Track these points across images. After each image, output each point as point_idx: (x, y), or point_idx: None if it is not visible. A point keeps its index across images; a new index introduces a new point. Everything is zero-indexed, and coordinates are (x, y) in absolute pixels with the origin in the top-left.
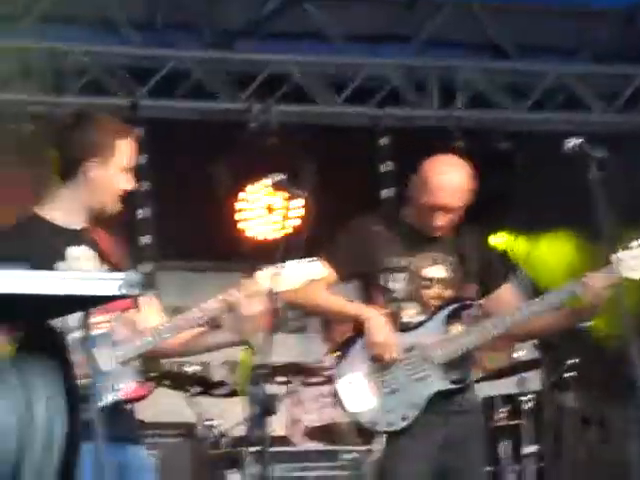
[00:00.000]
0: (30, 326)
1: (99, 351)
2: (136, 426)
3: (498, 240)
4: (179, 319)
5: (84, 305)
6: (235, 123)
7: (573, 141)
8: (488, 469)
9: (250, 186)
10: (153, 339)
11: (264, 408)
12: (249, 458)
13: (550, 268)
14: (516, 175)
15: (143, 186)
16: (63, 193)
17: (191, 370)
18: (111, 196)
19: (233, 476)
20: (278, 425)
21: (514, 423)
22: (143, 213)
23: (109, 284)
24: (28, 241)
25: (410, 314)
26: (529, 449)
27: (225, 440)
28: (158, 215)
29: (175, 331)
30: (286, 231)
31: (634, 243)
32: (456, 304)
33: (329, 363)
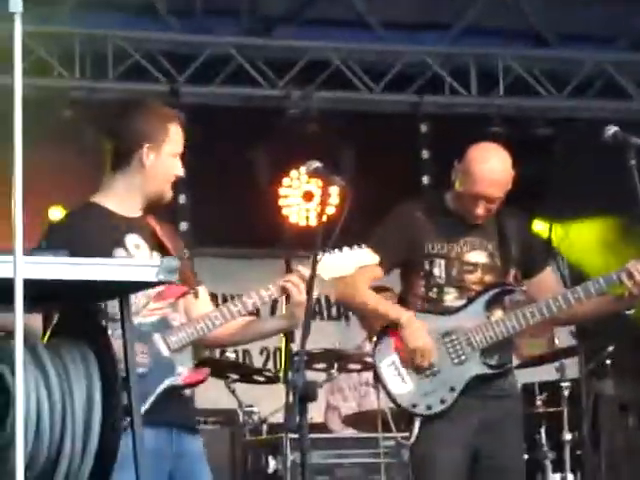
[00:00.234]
0: (67, 310)
1: (156, 337)
2: (193, 414)
3: (537, 226)
4: (232, 305)
5: (123, 291)
6: (274, 110)
7: (612, 128)
8: (526, 456)
9: (292, 172)
10: (206, 326)
11: (304, 395)
12: (289, 445)
13: (589, 255)
14: (555, 162)
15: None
16: (118, 181)
17: (232, 357)
18: (166, 182)
19: (272, 462)
20: (316, 412)
21: (553, 410)
22: (182, 199)
23: (147, 270)
24: (86, 228)
25: (451, 299)
26: (567, 436)
27: (265, 427)
28: (197, 201)
29: (228, 318)
30: (324, 218)
31: None
32: (497, 289)
33: (368, 350)
